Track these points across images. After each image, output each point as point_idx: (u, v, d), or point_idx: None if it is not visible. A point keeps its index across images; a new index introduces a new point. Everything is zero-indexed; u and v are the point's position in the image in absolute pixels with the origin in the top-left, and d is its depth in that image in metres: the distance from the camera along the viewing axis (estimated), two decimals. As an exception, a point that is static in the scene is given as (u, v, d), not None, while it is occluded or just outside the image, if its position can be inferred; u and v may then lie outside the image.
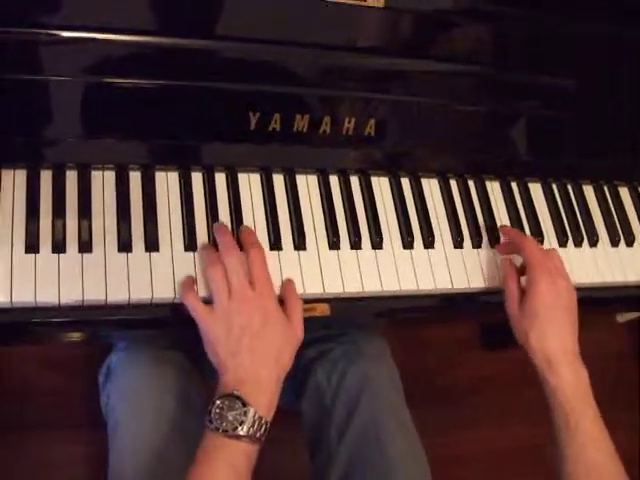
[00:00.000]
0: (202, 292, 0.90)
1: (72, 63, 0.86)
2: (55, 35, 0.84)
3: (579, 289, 1.10)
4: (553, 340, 0.94)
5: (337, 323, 1.08)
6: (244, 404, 0.80)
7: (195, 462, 0.80)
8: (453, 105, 1.03)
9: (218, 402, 0.80)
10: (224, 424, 0.79)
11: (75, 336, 0.96)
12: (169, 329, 0.97)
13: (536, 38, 1.02)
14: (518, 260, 1.03)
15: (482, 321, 1.00)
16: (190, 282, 0.90)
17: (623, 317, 1.98)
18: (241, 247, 0.91)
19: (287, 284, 0.94)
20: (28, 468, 1.57)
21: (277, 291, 0.93)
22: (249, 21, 0.89)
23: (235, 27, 0.89)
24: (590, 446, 0.90)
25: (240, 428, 0.79)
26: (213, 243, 0.93)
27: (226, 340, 0.84)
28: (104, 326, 0.92)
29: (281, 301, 0.91)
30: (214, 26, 0.89)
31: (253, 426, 0.79)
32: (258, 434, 0.80)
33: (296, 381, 1.22)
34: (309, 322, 0.94)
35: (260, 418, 0.80)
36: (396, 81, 0.99)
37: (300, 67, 0.94)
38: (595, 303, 1.16)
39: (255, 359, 0.84)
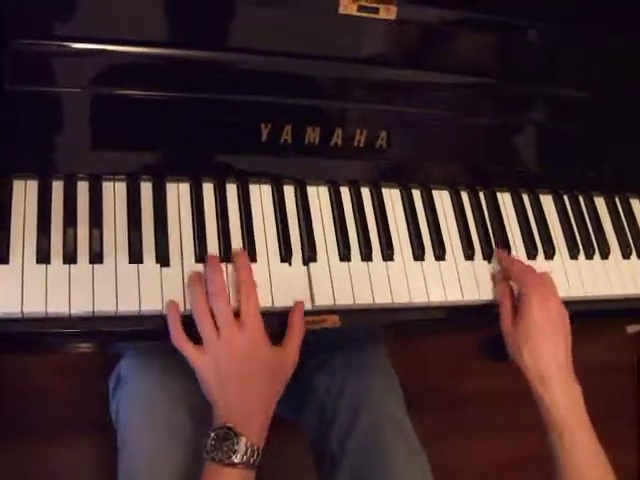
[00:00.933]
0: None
1: (83, 74, 0.87)
2: (66, 47, 0.84)
3: (590, 301, 1.10)
4: (546, 357, 0.95)
5: (346, 334, 1.07)
6: (236, 434, 0.84)
7: None
8: (464, 117, 1.03)
9: (212, 435, 0.85)
10: (219, 454, 0.83)
11: (85, 346, 0.96)
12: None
13: (548, 50, 1.01)
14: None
15: (491, 333, 1.00)
16: (178, 324, 0.88)
17: (633, 328, 1.97)
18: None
19: (295, 309, 0.93)
20: (34, 474, 1.57)
21: (284, 304, 0.93)
22: (261, 33, 0.89)
23: (247, 39, 0.89)
24: (585, 463, 0.91)
25: (234, 457, 0.83)
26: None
27: (216, 382, 0.87)
28: (114, 337, 0.92)
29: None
30: (226, 38, 0.89)
31: (246, 454, 0.83)
32: (251, 460, 0.84)
33: (296, 393, 1.21)
34: (316, 334, 0.94)
35: (252, 445, 0.84)
36: (408, 93, 0.99)
37: (312, 79, 0.94)
38: (606, 315, 1.16)
39: (245, 399, 0.87)
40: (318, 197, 1.02)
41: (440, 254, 1.04)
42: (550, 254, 1.10)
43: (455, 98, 1.01)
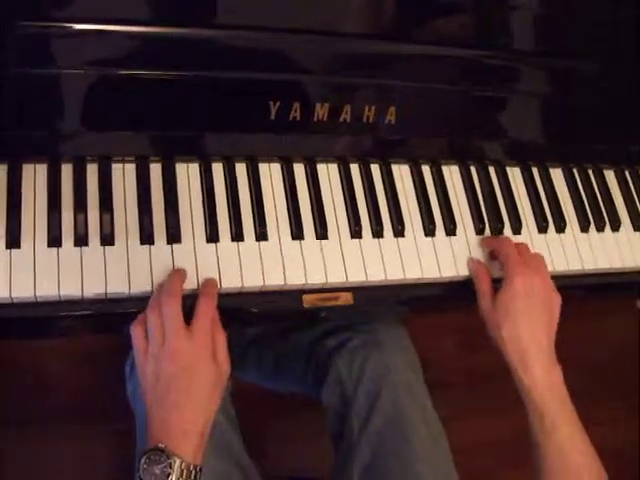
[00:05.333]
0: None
1: (89, 56, 0.86)
2: (70, 28, 0.84)
3: (601, 274, 1.10)
4: (526, 334, 0.93)
5: (360, 313, 1.07)
6: (169, 456, 0.79)
7: None
8: (474, 90, 1.02)
9: (143, 459, 0.79)
10: (152, 478, 0.79)
11: (98, 329, 0.96)
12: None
13: (555, 20, 1.01)
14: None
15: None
16: (142, 316, 0.87)
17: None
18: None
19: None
20: (53, 464, 1.58)
21: (299, 281, 0.93)
22: (268, 10, 0.88)
23: (254, 16, 0.88)
24: (567, 446, 0.89)
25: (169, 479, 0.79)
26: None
27: (154, 388, 0.83)
28: (127, 319, 0.92)
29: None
30: (233, 16, 0.89)
31: (182, 475, 0.79)
32: None
33: (317, 372, 1.22)
34: (331, 312, 0.94)
35: (188, 465, 0.79)
36: (416, 67, 0.98)
37: (319, 55, 0.93)
38: (618, 288, 1.15)
39: (180, 413, 0.82)
40: (328, 174, 1.02)
41: (451, 229, 1.03)
42: (561, 227, 1.09)
43: (465, 72, 1.00)
